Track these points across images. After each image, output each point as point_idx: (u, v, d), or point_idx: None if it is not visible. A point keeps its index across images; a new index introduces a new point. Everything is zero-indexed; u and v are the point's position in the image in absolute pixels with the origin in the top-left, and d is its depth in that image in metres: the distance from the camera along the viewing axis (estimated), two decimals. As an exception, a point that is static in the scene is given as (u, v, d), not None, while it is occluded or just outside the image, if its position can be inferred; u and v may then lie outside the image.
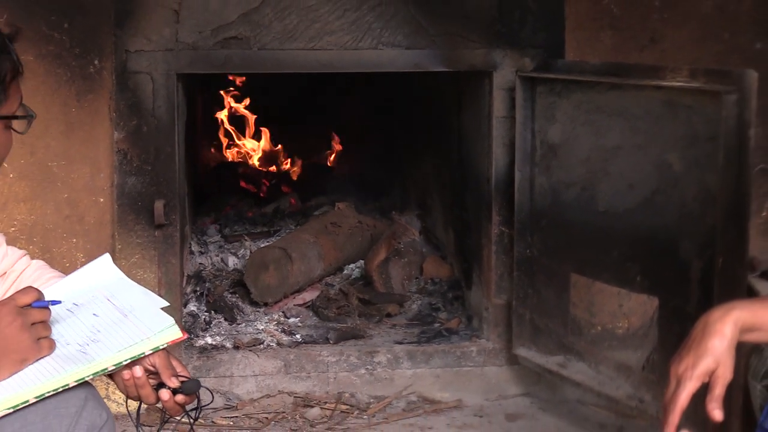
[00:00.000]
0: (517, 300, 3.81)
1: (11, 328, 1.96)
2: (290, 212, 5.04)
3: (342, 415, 3.58)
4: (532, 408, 3.71)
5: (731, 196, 2.93)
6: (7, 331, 1.95)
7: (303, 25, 3.71)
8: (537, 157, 3.68)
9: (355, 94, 5.12)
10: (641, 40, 3.93)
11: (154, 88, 3.67)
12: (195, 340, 3.96)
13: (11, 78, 1.98)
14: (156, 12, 3.64)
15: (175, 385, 2.11)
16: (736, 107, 2.89)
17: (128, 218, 3.72)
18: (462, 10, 3.78)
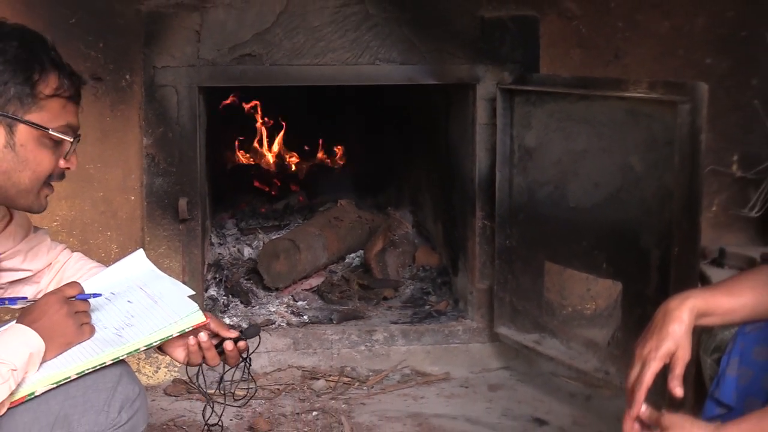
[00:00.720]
0: (497, 285, 3.81)
1: (59, 315, 1.98)
2: (298, 208, 5.03)
3: (344, 387, 3.59)
4: (511, 380, 3.72)
5: (685, 193, 2.94)
6: (56, 318, 1.97)
7: (309, 43, 3.71)
8: (515, 159, 3.68)
9: (355, 105, 5.11)
10: (606, 57, 3.93)
11: (178, 100, 3.67)
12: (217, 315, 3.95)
13: (51, 93, 1.95)
14: (180, 33, 3.64)
15: (236, 335, 2.18)
16: (689, 115, 2.90)
17: (156, 214, 3.72)
18: (449, 30, 3.78)
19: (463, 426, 3.27)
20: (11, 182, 1.95)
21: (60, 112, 1.97)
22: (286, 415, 3.30)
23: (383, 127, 5.10)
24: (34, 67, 1.93)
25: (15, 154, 1.93)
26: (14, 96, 1.89)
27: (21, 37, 1.96)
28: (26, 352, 1.90)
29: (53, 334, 1.96)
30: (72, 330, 2.00)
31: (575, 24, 3.90)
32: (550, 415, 3.37)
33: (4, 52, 1.90)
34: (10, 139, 1.92)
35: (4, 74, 1.89)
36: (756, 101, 3.89)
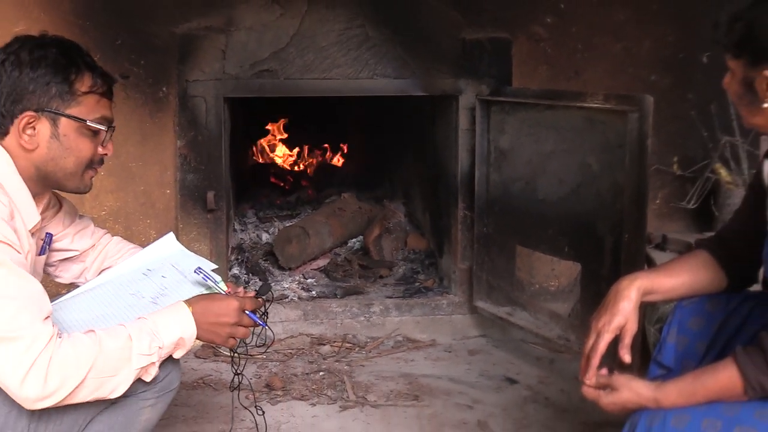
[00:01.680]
0: (476, 265, 3.82)
1: (226, 318, 2.03)
2: (308, 200, 5.03)
3: (346, 351, 3.59)
4: (488, 345, 3.72)
5: (634, 188, 2.94)
6: (224, 319, 2.02)
7: (318, 61, 3.70)
8: (491, 159, 3.68)
9: (357, 113, 5.11)
10: (568, 73, 3.92)
11: (206, 108, 3.67)
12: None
13: (87, 90, 1.96)
14: (208, 52, 3.63)
15: (252, 295, 2.19)
16: (637, 123, 2.90)
17: (188, 205, 3.72)
18: (436, 50, 3.78)
19: (446, 384, 3.27)
20: (59, 167, 1.97)
21: (95, 106, 1.99)
22: (297, 375, 3.30)
23: (380, 131, 5.09)
24: (71, 68, 1.95)
25: (59, 143, 1.95)
26: (56, 94, 1.92)
27: (59, 44, 1.98)
28: (178, 334, 1.93)
29: (211, 329, 2.01)
30: (223, 336, 2.04)
31: (542, 45, 3.90)
32: (520, 375, 3.38)
33: (46, 58, 1.92)
34: (55, 131, 1.94)
35: (46, 76, 1.91)
36: (692, 112, 3.89)
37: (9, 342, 1.71)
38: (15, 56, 1.91)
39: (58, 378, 1.73)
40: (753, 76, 1.77)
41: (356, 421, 2.95)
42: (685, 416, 1.76)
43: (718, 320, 2.09)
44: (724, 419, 1.74)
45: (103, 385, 1.81)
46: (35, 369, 1.70)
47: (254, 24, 3.66)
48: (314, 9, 3.69)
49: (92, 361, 1.77)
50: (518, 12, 3.86)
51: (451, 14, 3.79)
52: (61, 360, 1.74)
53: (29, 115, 1.90)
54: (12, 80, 1.89)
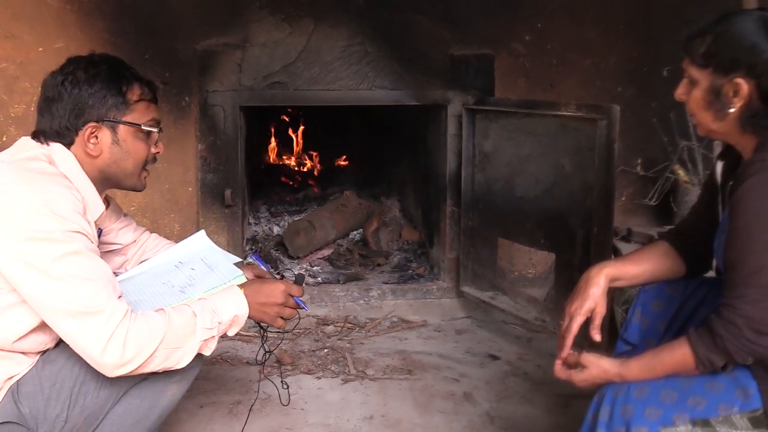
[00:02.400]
0: (462, 255, 3.82)
1: (274, 300, 2.06)
2: (314, 197, 5.02)
3: (347, 330, 3.59)
4: (473, 326, 3.72)
5: (602, 187, 2.94)
6: (271, 301, 2.06)
7: (323, 74, 3.70)
8: (476, 161, 3.68)
9: (358, 120, 5.10)
10: (544, 85, 3.93)
11: (224, 116, 3.66)
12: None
13: (137, 99, 2.00)
14: (226, 65, 3.63)
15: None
16: (606, 129, 2.90)
17: (208, 201, 3.72)
18: (427, 65, 3.78)
19: (436, 360, 3.28)
20: (120, 169, 2.00)
21: (145, 111, 2.02)
22: (304, 352, 3.30)
23: (378, 136, 5.09)
24: (122, 81, 1.98)
25: (120, 147, 1.98)
26: (112, 105, 1.95)
27: (107, 61, 2.01)
28: (233, 312, 1.97)
29: (262, 309, 2.05)
30: (272, 315, 2.07)
31: (521, 60, 3.90)
32: (501, 352, 3.38)
33: (99, 74, 1.95)
34: (115, 137, 1.97)
35: (102, 90, 1.94)
36: (654, 120, 3.89)
37: (91, 316, 1.75)
38: (72, 76, 1.93)
39: (134, 348, 1.78)
40: (721, 83, 1.77)
41: (356, 392, 2.95)
42: (645, 388, 1.77)
43: (677, 303, 2.10)
44: (679, 390, 1.75)
45: (171, 356, 1.86)
46: (114, 339, 1.76)
47: (267, 41, 3.65)
48: (320, 28, 3.68)
49: (163, 334, 1.83)
50: (500, 31, 3.86)
51: (440, 33, 3.78)
52: (137, 332, 1.79)
53: (92, 126, 1.94)
54: (73, 97, 1.92)
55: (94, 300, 1.76)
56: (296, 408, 2.81)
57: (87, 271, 1.78)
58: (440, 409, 2.83)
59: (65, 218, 1.77)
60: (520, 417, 2.77)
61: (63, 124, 1.93)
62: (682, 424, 1.73)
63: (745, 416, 1.72)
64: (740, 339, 1.66)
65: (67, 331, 1.77)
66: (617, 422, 1.75)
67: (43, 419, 1.85)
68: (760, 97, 1.74)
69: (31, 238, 1.74)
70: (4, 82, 3.54)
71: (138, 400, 1.95)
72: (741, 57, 1.73)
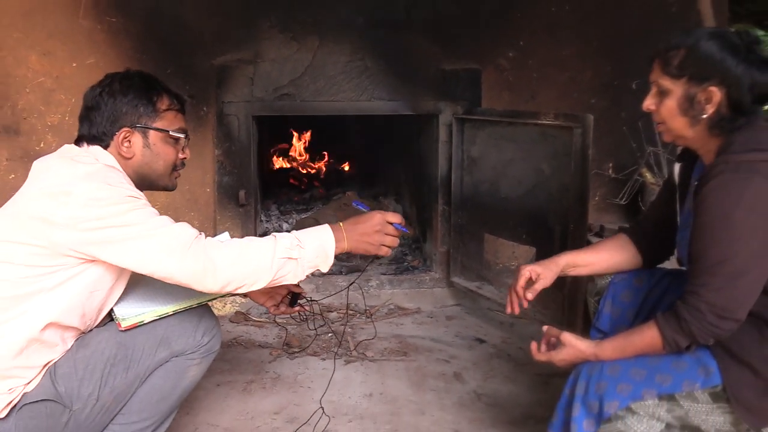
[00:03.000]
0: (453, 249, 3.82)
1: (373, 228, 2.01)
2: (319, 197, 5.01)
3: (349, 317, 3.58)
4: (462, 312, 3.72)
5: (578, 188, 2.95)
6: (370, 229, 2.00)
7: (327, 86, 3.70)
8: (465, 165, 3.68)
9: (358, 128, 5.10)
10: (525, 97, 3.93)
11: (238, 124, 3.66)
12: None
13: (166, 108, 2.02)
14: (239, 79, 3.62)
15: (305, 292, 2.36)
16: (581, 136, 2.91)
17: (224, 201, 3.72)
18: (421, 78, 3.78)
19: (429, 343, 3.28)
20: (152, 170, 2.02)
21: (173, 119, 2.04)
22: (310, 335, 3.30)
23: (376, 142, 5.08)
24: (152, 92, 2.01)
25: (150, 151, 2.00)
26: (143, 113, 1.98)
27: (139, 74, 2.04)
28: (317, 243, 1.95)
29: (362, 239, 2.00)
30: (374, 244, 2.02)
31: (505, 74, 3.90)
32: (487, 336, 3.38)
33: (132, 86, 1.98)
34: (146, 141, 1.99)
35: (135, 99, 1.97)
36: (624, 128, 3.89)
37: (175, 228, 1.84)
38: (109, 87, 1.97)
39: (217, 258, 1.81)
40: (695, 91, 1.77)
41: (357, 372, 2.96)
42: (617, 366, 1.78)
43: (643, 293, 2.11)
44: (648, 368, 1.76)
45: (250, 275, 1.86)
46: (194, 248, 1.81)
47: (276, 57, 3.65)
48: (324, 45, 3.68)
49: (244, 250, 1.85)
50: (486, 48, 3.86)
51: (433, 50, 3.78)
52: (218, 247, 1.83)
53: (125, 131, 1.96)
54: (109, 106, 1.95)
55: (177, 224, 1.84)
56: (303, 386, 2.81)
57: (159, 217, 1.85)
58: (432, 387, 2.83)
59: (123, 185, 1.86)
60: (504, 394, 2.78)
61: (101, 129, 1.96)
62: (650, 398, 1.75)
63: (706, 392, 1.73)
64: (703, 323, 1.68)
65: (169, 270, 1.80)
66: (592, 396, 1.76)
67: (77, 397, 1.86)
68: (728, 104, 1.76)
69: (96, 202, 1.78)
70: (42, 95, 3.54)
71: (161, 380, 1.96)
72: (714, 68, 1.75)
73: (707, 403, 1.73)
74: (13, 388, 1.82)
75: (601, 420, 1.75)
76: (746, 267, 1.65)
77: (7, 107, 3.54)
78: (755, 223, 1.63)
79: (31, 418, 1.84)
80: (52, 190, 1.81)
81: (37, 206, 1.81)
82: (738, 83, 1.73)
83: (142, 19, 3.55)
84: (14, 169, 3.58)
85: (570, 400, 1.81)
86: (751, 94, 1.74)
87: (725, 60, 1.74)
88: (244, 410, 2.63)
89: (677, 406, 1.74)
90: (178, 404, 2.03)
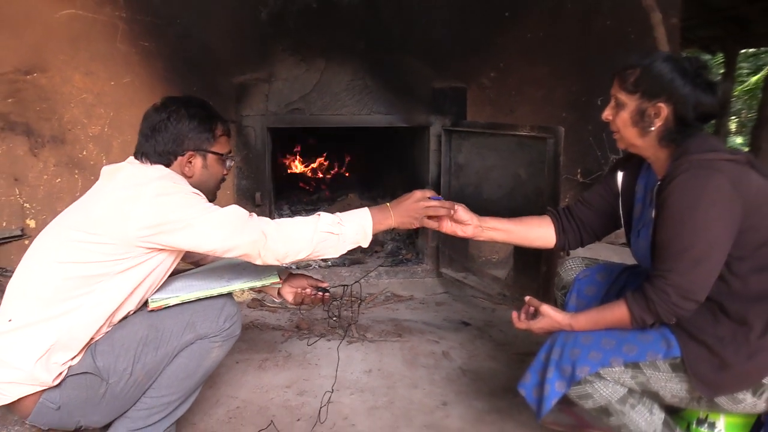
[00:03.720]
0: (441, 244, 3.82)
1: (414, 202, 2.01)
2: (325, 199, 5.02)
3: (352, 303, 3.58)
4: (449, 299, 3.72)
5: (551, 191, 2.95)
6: (411, 204, 2.01)
7: (332, 102, 3.70)
8: (452, 170, 3.69)
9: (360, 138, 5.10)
10: (505, 111, 3.93)
11: (255, 135, 3.66)
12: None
13: (221, 134, 2.04)
14: (256, 96, 3.62)
15: (326, 285, 2.27)
16: (553, 146, 2.91)
17: (242, 202, 3.71)
18: (414, 95, 3.78)
19: (421, 326, 3.28)
20: (205, 187, 2.03)
21: (225, 143, 2.07)
22: (317, 319, 3.30)
23: (375, 151, 5.09)
24: (212, 120, 2.03)
25: (207, 171, 2.04)
26: (204, 138, 2.01)
27: (199, 103, 2.05)
28: (358, 222, 1.97)
29: (407, 213, 2.00)
30: (418, 216, 2.02)
31: (487, 92, 3.90)
32: (471, 320, 3.38)
33: (196, 114, 2.01)
34: (204, 163, 2.03)
35: (199, 126, 2.00)
36: (590, 138, 3.90)
37: (231, 208, 1.87)
38: (176, 113, 1.98)
39: (267, 230, 1.86)
40: (646, 106, 1.79)
41: (358, 351, 2.95)
42: (590, 336, 1.80)
43: (605, 287, 2.11)
44: (617, 339, 1.78)
45: (295, 243, 1.89)
46: (250, 223, 1.86)
47: (288, 76, 3.65)
48: (330, 66, 3.68)
49: (290, 224, 1.90)
50: (471, 69, 3.86)
51: (425, 70, 3.78)
52: (267, 222, 1.88)
53: (190, 154, 1.99)
54: (176, 130, 1.98)
55: (237, 214, 1.86)
56: (311, 363, 2.81)
57: (215, 207, 1.87)
58: (423, 365, 2.83)
59: (187, 185, 1.89)
60: (486, 370, 2.78)
61: (166, 149, 1.97)
62: (617, 365, 1.75)
63: (667, 362, 1.74)
64: (669, 303, 1.69)
65: (232, 241, 1.84)
66: (566, 361, 1.77)
67: (113, 371, 1.86)
68: (674, 119, 1.77)
69: (165, 196, 1.81)
70: (84, 109, 3.54)
71: (187, 360, 1.95)
72: (664, 87, 1.76)
73: (667, 372, 1.74)
74: (66, 362, 1.84)
75: (572, 382, 1.76)
76: (707, 254, 1.66)
77: (54, 120, 3.53)
78: (716, 214, 1.64)
79: (74, 389, 1.85)
80: (126, 189, 1.85)
81: (111, 202, 1.84)
82: (684, 102, 1.75)
83: (171, 43, 3.54)
84: (60, 174, 3.58)
85: (545, 364, 1.82)
86: (695, 112, 1.75)
87: (674, 81, 1.75)
88: (260, 384, 2.63)
89: (640, 374, 1.75)
90: (202, 381, 2.03)
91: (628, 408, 1.78)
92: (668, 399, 1.78)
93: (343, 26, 3.66)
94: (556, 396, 1.78)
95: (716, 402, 1.73)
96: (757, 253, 1.69)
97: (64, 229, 1.87)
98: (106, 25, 3.47)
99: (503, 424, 2.35)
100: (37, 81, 3.47)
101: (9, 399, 1.84)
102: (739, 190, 1.65)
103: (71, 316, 1.83)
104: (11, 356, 1.81)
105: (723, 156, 1.68)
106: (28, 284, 1.85)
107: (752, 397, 1.71)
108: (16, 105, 3.48)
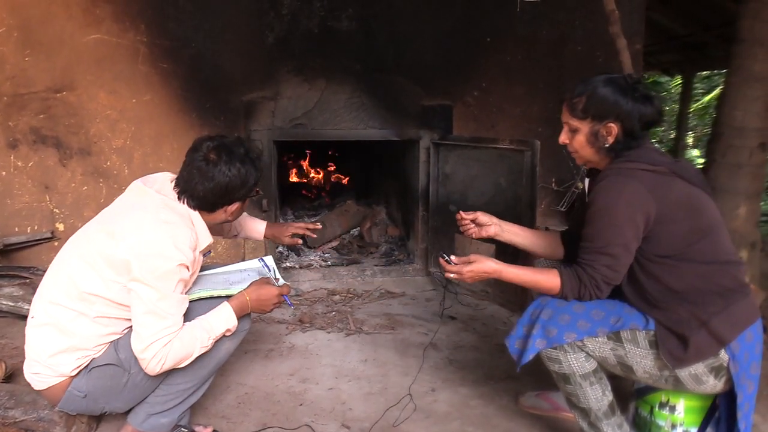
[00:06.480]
0: (430, 246, 3.82)
1: (269, 301, 1.99)
2: (325, 205, 5.01)
3: (349, 299, 3.57)
4: (437, 296, 3.70)
5: (528, 198, 2.96)
6: (267, 302, 1.98)
7: (332, 117, 3.69)
8: (440, 179, 3.68)
9: (357, 150, 5.10)
10: (487, 126, 3.93)
11: (262, 147, 3.64)
12: (282, 263, 3.94)
13: (253, 183, 1.94)
14: (263, 112, 3.61)
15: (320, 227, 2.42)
16: (530, 158, 2.92)
17: (250, 208, 3.68)
18: (406, 112, 3.78)
19: (411, 320, 3.27)
20: (222, 229, 2.11)
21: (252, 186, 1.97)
22: (318, 314, 3.29)
23: (370, 162, 5.08)
24: (257, 177, 1.94)
25: (229, 214, 1.97)
26: (246, 192, 1.96)
27: (253, 162, 1.92)
28: (224, 328, 1.91)
29: (259, 305, 1.98)
30: (267, 311, 2.00)
31: (471, 109, 3.90)
32: (457, 314, 3.37)
33: (249, 173, 1.90)
34: (239, 206, 1.98)
35: (246, 184, 1.90)
36: (564, 151, 3.87)
37: (167, 322, 1.79)
38: (228, 170, 1.85)
39: (155, 365, 1.80)
40: (598, 128, 1.82)
41: (355, 342, 2.95)
42: (582, 306, 1.80)
43: None
44: (606, 311, 1.79)
45: (184, 362, 1.86)
46: (156, 345, 1.78)
47: (292, 94, 3.64)
48: (330, 86, 3.67)
49: (184, 350, 1.83)
50: (457, 88, 3.86)
51: (415, 90, 3.78)
52: (173, 350, 1.81)
53: (238, 205, 1.95)
54: (225, 184, 1.87)
55: (159, 331, 1.78)
56: (312, 354, 2.80)
57: (175, 295, 1.80)
58: (414, 355, 2.82)
59: (182, 251, 1.77)
60: (471, 360, 2.77)
61: (209, 199, 1.87)
62: (603, 335, 1.76)
63: (646, 337, 1.75)
64: (595, 290, 1.76)
65: (141, 321, 1.77)
66: (553, 324, 1.77)
67: (134, 363, 1.85)
68: (624, 133, 1.81)
69: (153, 256, 1.75)
70: (109, 124, 3.52)
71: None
72: (610, 108, 1.80)
73: (645, 348, 1.76)
74: (88, 356, 1.84)
75: (552, 344, 1.76)
76: (625, 250, 1.72)
77: (81, 133, 3.51)
78: (630, 215, 1.69)
79: (98, 378, 1.85)
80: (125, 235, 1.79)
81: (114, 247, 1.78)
82: (630, 117, 1.79)
83: (187, 65, 3.53)
84: (87, 183, 3.56)
85: (533, 320, 1.81)
86: (640, 123, 1.79)
87: (618, 101, 1.79)
88: (266, 372, 2.62)
89: (620, 347, 1.77)
90: (215, 371, 2.02)
91: (587, 384, 1.80)
92: (640, 374, 1.79)
93: (342, 50, 3.66)
94: (533, 351, 1.78)
95: (681, 381, 1.74)
96: (695, 248, 1.72)
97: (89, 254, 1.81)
98: (128, 49, 3.46)
99: (485, 408, 2.34)
100: (67, 99, 3.46)
101: (40, 386, 1.85)
102: (655, 195, 1.69)
103: (89, 324, 1.83)
104: (33, 350, 1.83)
105: (642, 166, 1.73)
106: (52, 290, 1.84)
107: (714, 379, 1.73)
108: (47, 120, 3.47)
